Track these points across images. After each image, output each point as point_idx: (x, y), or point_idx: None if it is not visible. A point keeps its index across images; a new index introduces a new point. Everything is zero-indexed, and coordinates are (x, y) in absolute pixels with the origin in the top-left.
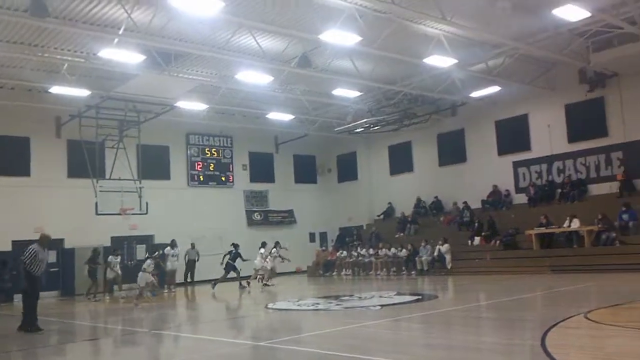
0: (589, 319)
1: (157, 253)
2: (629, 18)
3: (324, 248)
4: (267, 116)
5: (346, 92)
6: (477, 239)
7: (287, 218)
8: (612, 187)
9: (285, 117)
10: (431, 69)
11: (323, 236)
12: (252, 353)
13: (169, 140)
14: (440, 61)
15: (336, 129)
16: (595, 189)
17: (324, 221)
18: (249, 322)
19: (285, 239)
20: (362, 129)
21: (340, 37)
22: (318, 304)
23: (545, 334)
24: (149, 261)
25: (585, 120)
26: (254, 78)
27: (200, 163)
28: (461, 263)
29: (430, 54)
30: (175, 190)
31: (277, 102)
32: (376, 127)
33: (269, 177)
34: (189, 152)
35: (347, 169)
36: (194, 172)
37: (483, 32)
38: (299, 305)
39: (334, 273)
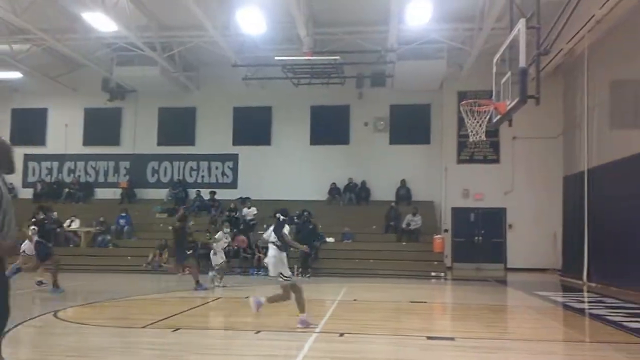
0: (57, 318)
1: None
2: (151, 43)
3: None
4: None
5: None
6: None
7: None
8: (115, 193)
9: None
10: None
11: None
12: None
13: None
14: None
15: None
16: (101, 193)
17: None
18: None
19: None
20: None
21: None
22: None
23: (6, 332)
24: None
25: (102, 127)
26: None
27: None
28: None
29: None
30: None
31: None
32: None
33: None
34: None
35: None
36: None
37: (9, 13)
38: None
39: None
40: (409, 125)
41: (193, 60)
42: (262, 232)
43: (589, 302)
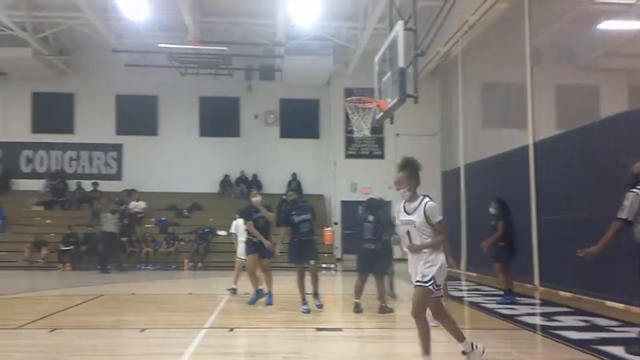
0: None
1: None
2: (21, 23)
3: None
4: None
5: None
6: None
7: None
8: None
9: None
10: None
11: None
12: None
13: None
14: None
15: None
16: None
17: None
18: None
19: None
20: None
21: None
22: None
23: None
24: None
25: None
26: None
27: None
28: None
29: None
30: None
31: None
32: None
33: None
34: None
35: None
36: None
37: None
38: None
39: None
40: (299, 120)
41: (69, 43)
42: (150, 225)
43: (467, 290)
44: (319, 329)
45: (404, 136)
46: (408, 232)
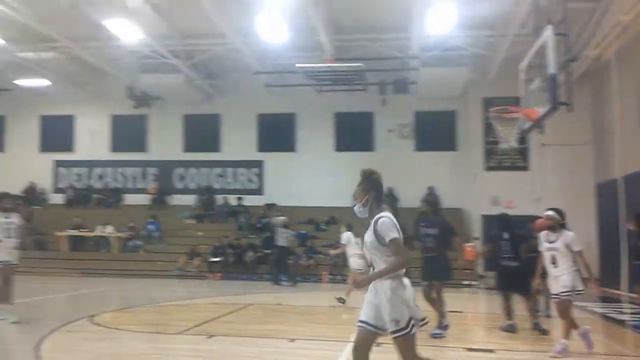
0: (94, 322)
1: None
2: (175, 51)
3: None
4: None
5: None
6: None
7: None
8: (145, 199)
9: None
10: None
11: None
12: None
13: None
14: None
15: None
16: (130, 199)
17: None
18: None
19: None
20: None
21: None
22: None
23: (44, 337)
24: None
25: (128, 133)
26: None
27: None
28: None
29: None
30: None
31: None
32: None
33: None
34: None
35: None
36: None
37: (36, 21)
38: None
39: None
40: (435, 132)
41: (216, 68)
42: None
43: (630, 313)
44: (470, 349)
45: (551, 146)
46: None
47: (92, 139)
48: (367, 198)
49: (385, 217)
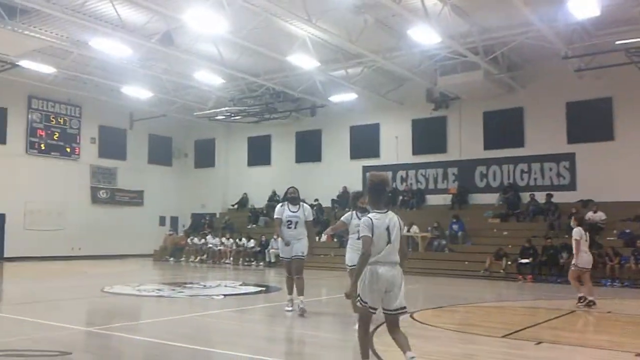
0: (414, 319)
1: None
2: (473, 48)
3: (171, 232)
4: (121, 90)
5: (209, 78)
6: (323, 237)
7: (135, 198)
8: (446, 199)
9: (143, 93)
10: (295, 68)
11: (174, 220)
12: (77, 339)
13: (6, 101)
14: (303, 61)
15: (196, 114)
16: (432, 200)
17: (176, 205)
18: (80, 305)
19: (132, 221)
20: (223, 117)
21: (205, 20)
22: (160, 290)
23: (372, 332)
24: None
25: (428, 136)
26: (111, 48)
27: (42, 131)
28: (307, 258)
29: (295, 53)
30: (11, 157)
31: (135, 77)
32: (237, 117)
33: (120, 154)
34: (30, 117)
35: (205, 155)
36: (34, 140)
37: (345, 41)
38: (138, 290)
39: (182, 259)
40: None
41: (517, 59)
42: (611, 238)
43: None
44: None
45: None
46: None
47: (395, 144)
48: (368, 201)
49: (367, 217)
